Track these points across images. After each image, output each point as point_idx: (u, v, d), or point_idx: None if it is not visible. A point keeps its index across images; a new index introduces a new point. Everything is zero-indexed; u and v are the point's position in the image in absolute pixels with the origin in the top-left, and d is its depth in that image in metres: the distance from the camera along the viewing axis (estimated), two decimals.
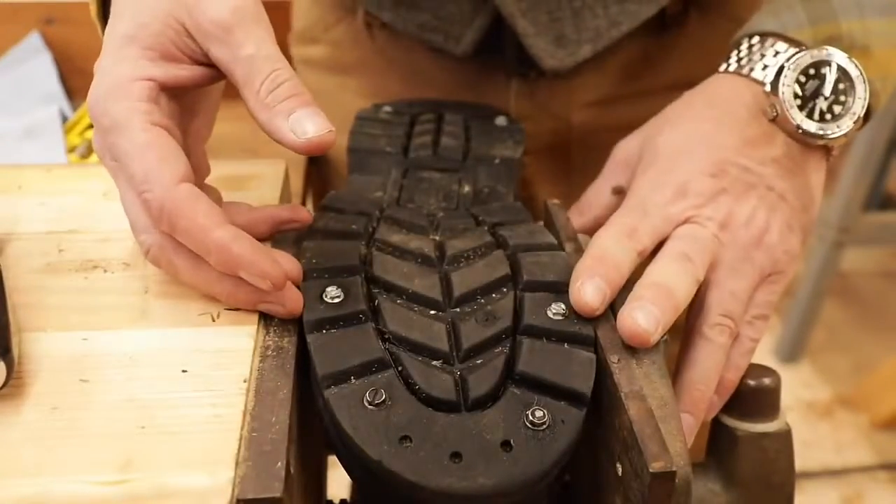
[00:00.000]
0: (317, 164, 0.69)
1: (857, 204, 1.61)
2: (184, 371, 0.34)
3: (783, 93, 0.42)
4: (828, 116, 0.42)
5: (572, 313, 0.37)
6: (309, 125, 0.37)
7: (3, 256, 0.41)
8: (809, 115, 0.42)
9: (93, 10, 0.44)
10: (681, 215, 0.41)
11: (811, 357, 1.81)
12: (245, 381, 0.33)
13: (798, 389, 1.73)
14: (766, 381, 0.38)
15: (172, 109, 0.38)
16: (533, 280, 0.38)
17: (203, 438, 0.31)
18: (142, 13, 0.38)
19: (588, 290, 0.37)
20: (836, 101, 0.42)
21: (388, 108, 0.57)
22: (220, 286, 0.37)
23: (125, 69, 0.37)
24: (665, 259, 0.39)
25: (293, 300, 0.36)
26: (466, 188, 0.48)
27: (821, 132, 0.42)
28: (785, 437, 0.37)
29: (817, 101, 0.42)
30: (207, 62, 0.39)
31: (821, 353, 1.82)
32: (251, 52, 0.37)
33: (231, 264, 0.35)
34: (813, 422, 1.67)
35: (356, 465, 0.33)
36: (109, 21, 0.40)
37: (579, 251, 0.43)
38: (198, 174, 0.40)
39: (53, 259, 0.41)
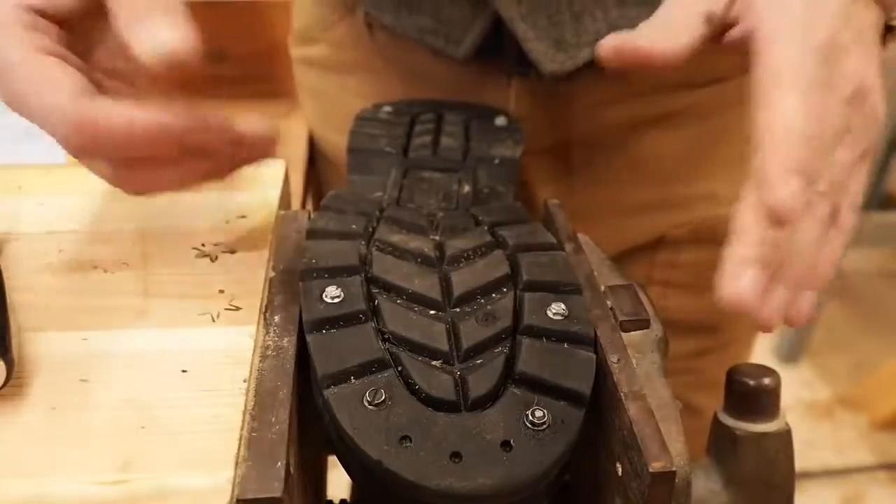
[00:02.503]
0: (317, 164, 0.69)
1: None
2: (184, 371, 0.34)
3: None
4: None
5: (572, 313, 0.37)
6: (150, 41, 0.32)
7: (3, 256, 0.41)
8: None
9: None
10: (843, 88, 0.37)
11: (811, 357, 1.81)
12: (245, 381, 0.33)
13: (798, 389, 1.73)
14: (766, 381, 0.37)
15: (61, 38, 0.36)
16: (533, 280, 0.38)
17: (203, 438, 0.31)
18: None
19: (787, 192, 0.33)
20: None
21: (388, 108, 0.57)
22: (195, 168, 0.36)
23: (3, 4, 0.35)
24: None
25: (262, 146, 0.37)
26: (466, 188, 0.48)
27: None
28: (785, 437, 0.37)
29: None
30: None
31: (821, 353, 1.82)
32: None
33: (177, 131, 0.33)
34: (813, 422, 1.67)
35: (356, 465, 0.33)
36: None
37: (579, 251, 0.43)
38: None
39: (53, 259, 0.41)
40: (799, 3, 0.37)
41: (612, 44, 0.40)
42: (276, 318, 0.37)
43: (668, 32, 0.40)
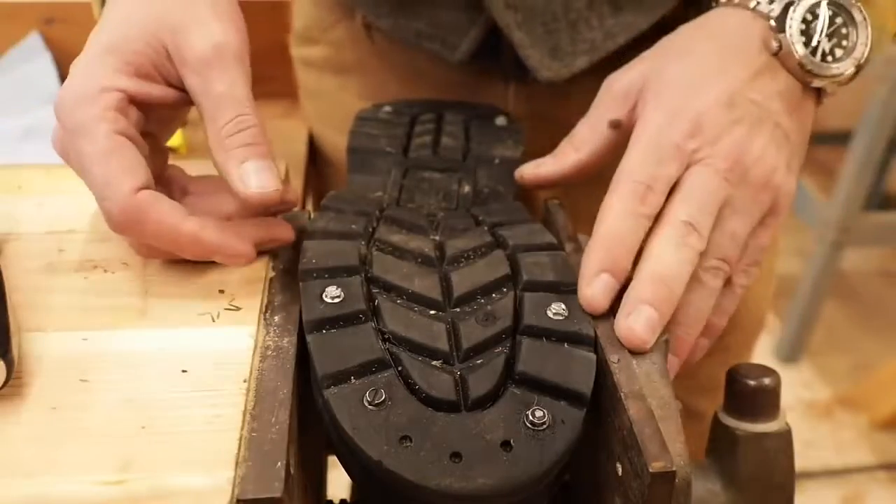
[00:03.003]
0: (317, 164, 0.69)
1: (857, 204, 1.61)
2: (184, 371, 0.34)
3: (790, 27, 0.42)
4: (829, 58, 0.43)
5: (572, 313, 0.37)
6: (254, 179, 0.38)
7: (3, 256, 0.41)
8: (812, 54, 0.42)
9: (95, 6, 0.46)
10: (695, 154, 0.40)
11: (811, 357, 1.81)
12: (245, 381, 0.33)
13: (798, 389, 1.73)
14: (766, 381, 0.37)
15: (139, 121, 0.39)
16: (533, 280, 0.38)
17: (203, 438, 0.31)
18: (128, 26, 0.39)
19: (596, 291, 0.38)
20: (839, 45, 0.43)
21: (388, 108, 0.57)
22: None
23: (99, 77, 0.38)
24: (667, 241, 0.39)
25: (286, 231, 0.41)
26: (466, 188, 0.48)
27: (821, 70, 0.42)
28: (785, 437, 0.37)
29: (820, 41, 0.42)
30: (181, 87, 0.40)
31: (821, 353, 1.82)
32: (222, 90, 0.38)
33: (205, 252, 0.38)
34: (813, 422, 1.67)
35: (356, 465, 0.33)
36: (97, 25, 0.40)
37: (579, 251, 0.43)
38: (158, 182, 0.40)
39: (53, 259, 0.41)
40: (676, 97, 0.42)
41: (521, 174, 0.48)
42: (276, 318, 0.37)
43: (575, 147, 0.46)
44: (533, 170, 0.48)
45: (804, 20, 0.42)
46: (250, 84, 0.40)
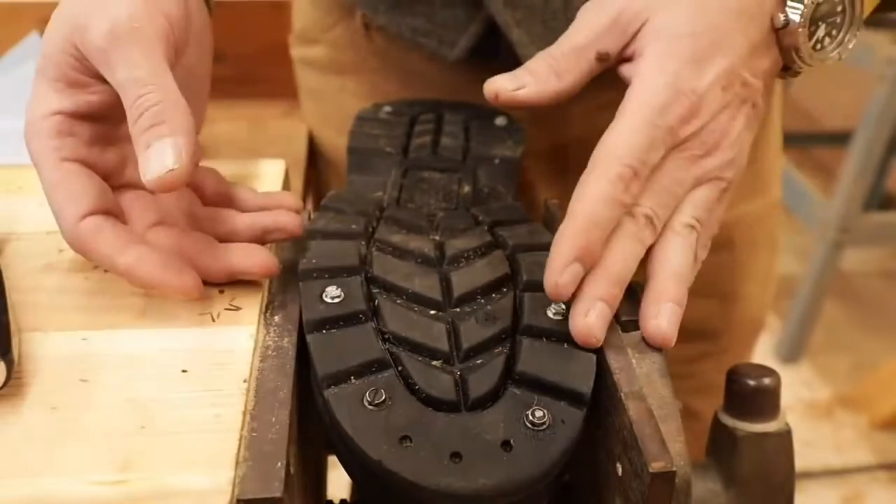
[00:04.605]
0: (317, 164, 0.69)
1: (857, 204, 1.61)
2: (184, 371, 0.34)
3: (805, 7, 0.40)
4: (818, 46, 0.42)
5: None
6: (153, 164, 0.35)
7: (3, 256, 0.41)
8: (808, 38, 0.41)
9: None
10: (682, 140, 0.39)
11: (811, 357, 1.81)
12: (245, 381, 0.33)
13: (798, 389, 1.73)
14: (766, 381, 0.37)
15: (93, 134, 0.39)
16: (532, 280, 0.38)
17: (203, 438, 0.31)
18: (47, 44, 0.39)
19: (567, 281, 0.35)
20: (830, 34, 0.42)
21: (388, 108, 0.57)
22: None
23: (36, 106, 0.38)
24: (678, 241, 0.39)
25: (265, 263, 0.38)
26: (466, 188, 0.48)
27: (810, 58, 0.41)
28: (785, 437, 0.37)
29: (819, 26, 0.41)
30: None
31: (821, 353, 1.82)
32: (122, 76, 0.36)
33: (143, 285, 0.37)
34: (813, 422, 1.67)
35: (356, 465, 0.33)
36: None
37: None
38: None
39: (53, 259, 0.41)
40: (681, 64, 0.39)
41: (495, 91, 0.43)
42: (276, 318, 0.37)
43: (558, 75, 0.42)
44: (510, 91, 0.43)
45: (816, 2, 0.40)
46: (166, 57, 0.37)
